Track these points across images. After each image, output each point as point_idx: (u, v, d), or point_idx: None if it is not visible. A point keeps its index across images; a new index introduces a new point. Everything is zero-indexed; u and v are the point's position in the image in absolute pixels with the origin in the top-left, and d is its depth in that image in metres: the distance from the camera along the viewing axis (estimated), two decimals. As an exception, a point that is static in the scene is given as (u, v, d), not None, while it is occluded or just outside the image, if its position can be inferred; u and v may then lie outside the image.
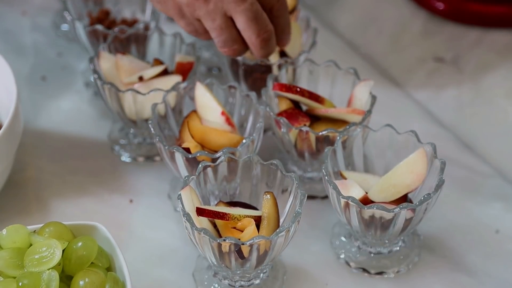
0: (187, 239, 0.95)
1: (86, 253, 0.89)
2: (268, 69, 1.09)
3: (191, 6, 0.99)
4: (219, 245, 0.90)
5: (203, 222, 0.93)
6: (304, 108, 1.07)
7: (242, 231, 0.93)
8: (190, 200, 0.92)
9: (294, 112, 1.04)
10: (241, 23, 0.98)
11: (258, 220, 0.93)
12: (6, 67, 1.06)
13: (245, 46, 1.02)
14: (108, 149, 1.14)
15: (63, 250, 0.89)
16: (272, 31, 1.00)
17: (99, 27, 1.14)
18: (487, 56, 1.25)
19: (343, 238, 1.03)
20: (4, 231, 0.90)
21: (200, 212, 0.92)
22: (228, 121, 1.03)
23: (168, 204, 1.08)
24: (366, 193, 0.97)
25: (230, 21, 0.99)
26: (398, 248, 1.01)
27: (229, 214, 0.92)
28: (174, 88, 1.05)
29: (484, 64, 1.24)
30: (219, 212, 0.92)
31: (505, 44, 1.27)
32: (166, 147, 0.99)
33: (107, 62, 1.10)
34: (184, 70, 1.09)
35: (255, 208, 0.97)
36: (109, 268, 0.92)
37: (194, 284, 0.99)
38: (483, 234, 1.05)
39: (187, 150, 0.99)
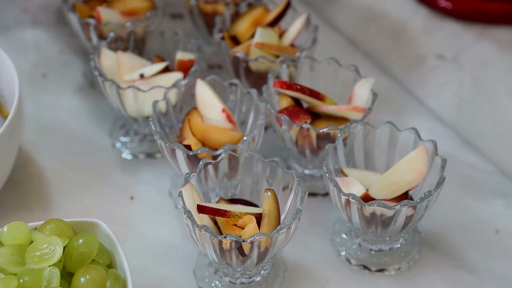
0: (188, 236, 0.95)
1: (87, 250, 0.89)
2: None
3: None
4: (220, 242, 0.90)
5: (204, 219, 0.93)
6: (305, 105, 1.07)
7: (243, 228, 0.93)
8: (191, 197, 0.92)
9: (295, 110, 1.04)
10: None
11: (259, 217, 0.93)
12: (9, 64, 1.07)
13: None
14: (109, 146, 1.14)
15: (64, 247, 0.89)
16: None
17: (91, 20, 1.14)
18: (488, 53, 1.25)
19: (343, 235, 1.03)
20: (5, 228, 0.90)
21: (201, 209, 0.92)
22: (229, 118, 1.03)
23: (169, 201, 1.08)
24: (367, 190, 0.97)
25: None
26: (399, 245, 1.02)
27: (229, 211, 0.92)
28: (175, 85, 1.05)
29: (485, 61, 1.24)
30: (219, 210, 0.92)
31: (506, 41, 1.27)
32: (167, 144, 0.99)
33: (108, 59, 1.10)
34: (185, 67, 1.09)
35: (256, 205, 0.97)
36: (110, 265, 0.92)
37: (195, 281, 0.99)
38: (484, 231, 1.05)
39: (188, 147, 0.99)
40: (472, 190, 1.09)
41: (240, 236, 0.90)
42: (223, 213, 0.92)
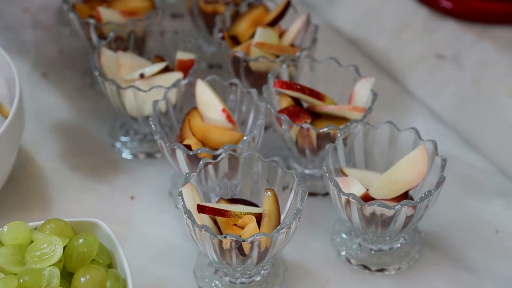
0: (188, 236, 0.95)
1: (87, 250, 0.89)
2: None
3: None
4: (220, 242, 0.90)
5: (204, 219, 0.93)
6: (305, 105, 1.07)
7: (243, 228, 0.93)
8: (191, 197, 0.92)
9: (295, 109, 1.04)
10: None
11: (259, 217, 0.93)
12: (9, 64, 1.07)
13: None
14: (109, 146, 1.14)
15: (64, 247, 0.89)
16: None
17: (91, 20, 1.14)
18: (488, 52, 1.25)
19: (344, 235, 1.03)
20: (5, 228, 0.90)
21: (201, 209, 0.92)
22: (229, 118, 1.04)
23: (169, 201, 1.08)
24: (367, 190, 0.97)
25: None
26: (399, 245, 1.02)
27: (230, 211, 0.92)
28: (175, 85, 1.05)
29: (485, 61, 1.24)
30: (219, 209, 0.92)
31: (506, 41, 1.27)
32: (167, 144, 0.99)
33: (108, 59, 1.10)
34: (185, 67, 1.09)
35: (256, 205, 0.97)
36: (110, 265, 0.92)
37: (195, 280, 0.99)
38: (484, 231, 1.05)
39: (188, 147, 0.99)
40: (472, 190, 1.09)
41: (240, 236, 0.90)
42: (223, 213, 0.92)
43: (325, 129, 1.01)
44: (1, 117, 1.08)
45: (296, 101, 1.06)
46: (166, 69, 1.10)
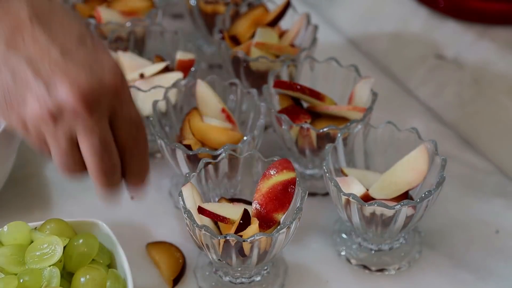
0: (188, 235, 0.95)
1: (87, 250, 0.89)
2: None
3: (36, 122, 0.85)
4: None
5: (204, 219, 0.93)
6: (305, 105, 1.07)
7: (243, 228, 0.93)
8: (191, 197, 0.92)
9: (295, 109, 1.04)
10: (85, 152, 0.87)
11: (259, 217, 0.93)
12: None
13: (85, 170, 0.91)
14: (109, 146, 1.14)
15: (64, 247, 0.89)
16: (116, 166, 0.89)
17: (91, 20, 1.14)
18: (488, 53, 1.25)
19: (344, 235, 1.03)
20: (5, 228, 0.90)
21: (201, 211, 0.92)
22: (229, 118, 1.04)
23: (169, 201, 1.08)
24: (367, 190, 0.97)
25: (75, 145, 0.87)
26: (399, 245, 1.02)
27: (229, 218, 0.92)
28: (175, 85, 1.05)
29: (485, 61, 1.24)
30: (219, 215, 0.92)
31: (506, 41, 1.27)
32: (167, 144, 0.99)
33: (108, 59, 1.10)
34: (185, 67, 1.09)
35: (256, 205, 0.97)
36: (110, 265, 0.92)
37: (195, 280, 0.99)
38: (484, 231, 1.05)
39: (188, 147, 0.99)
40: (472, 190, 1.09)
41: (240, 236, 0.90)
42: (222, 219, 0.92)
43: (325, 129, 1.01)
44: (1, 117, 1.08)
45: (296, 101, 1.06)
46: (166, 69, 1.10)
